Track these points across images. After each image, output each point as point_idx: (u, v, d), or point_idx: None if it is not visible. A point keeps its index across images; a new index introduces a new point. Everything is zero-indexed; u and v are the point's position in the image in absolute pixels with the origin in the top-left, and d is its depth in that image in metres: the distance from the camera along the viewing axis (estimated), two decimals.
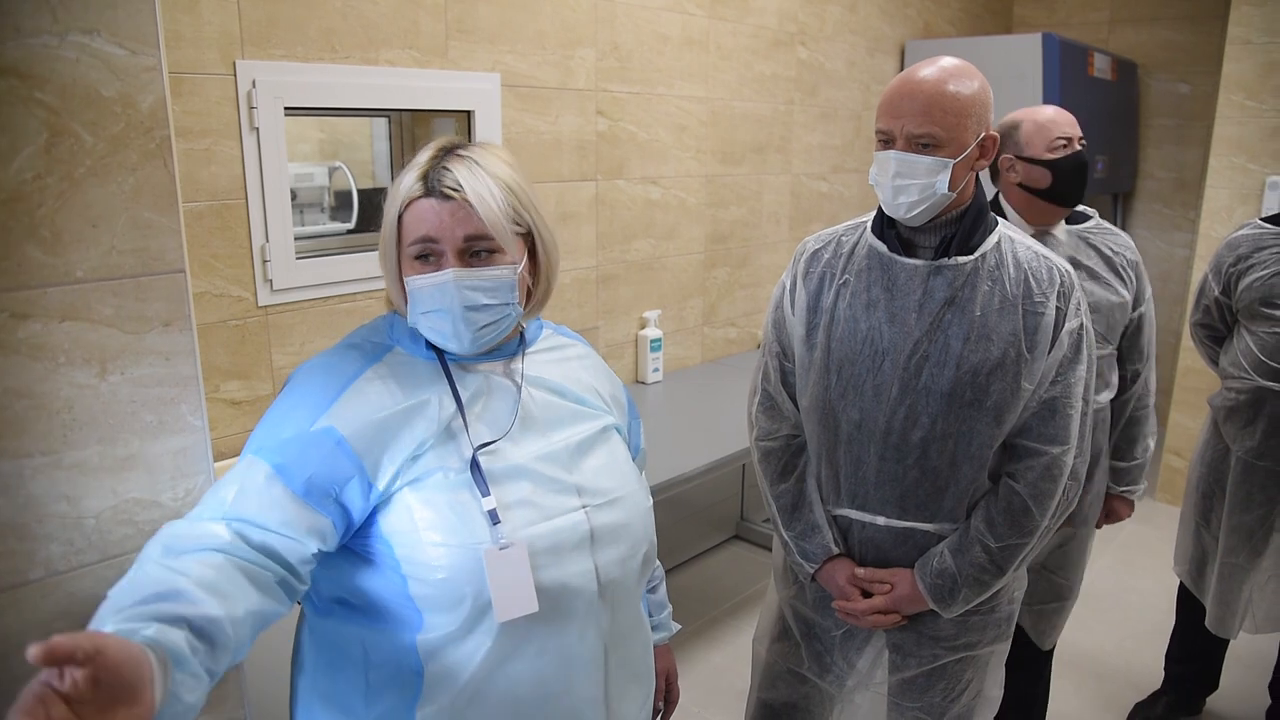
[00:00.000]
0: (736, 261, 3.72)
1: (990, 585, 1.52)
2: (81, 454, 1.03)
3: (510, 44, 2.66)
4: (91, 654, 0.67)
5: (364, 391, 1.06)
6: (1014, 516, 1.49)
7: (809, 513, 1.62)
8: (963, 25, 4.85)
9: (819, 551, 1.60)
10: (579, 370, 1.27)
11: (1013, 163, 2.00)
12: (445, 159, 1.09)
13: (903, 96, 1.43)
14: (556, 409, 1.19)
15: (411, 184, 1.08)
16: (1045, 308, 1.46)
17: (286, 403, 1.06)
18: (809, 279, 1.60)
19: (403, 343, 1.13)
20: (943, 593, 1.52)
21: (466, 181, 1.06)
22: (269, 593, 0.94)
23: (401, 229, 1.09)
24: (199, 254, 2.08)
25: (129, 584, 0.85)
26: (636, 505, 1.21)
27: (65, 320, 1.00)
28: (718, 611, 3.24)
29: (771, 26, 3.62)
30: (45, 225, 0.98)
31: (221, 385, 2.16)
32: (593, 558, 1.12)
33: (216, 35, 2.03)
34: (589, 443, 1.19)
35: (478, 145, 1.13)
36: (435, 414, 1.08)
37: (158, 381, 1.08)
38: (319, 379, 1.08)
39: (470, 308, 1.08)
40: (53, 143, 0.97)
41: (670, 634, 1.49)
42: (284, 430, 1.03)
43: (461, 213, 1.06)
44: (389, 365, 1.10)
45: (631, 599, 1.21)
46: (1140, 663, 2.97)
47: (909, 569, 1.56)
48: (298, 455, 1.00)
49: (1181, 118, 4.81)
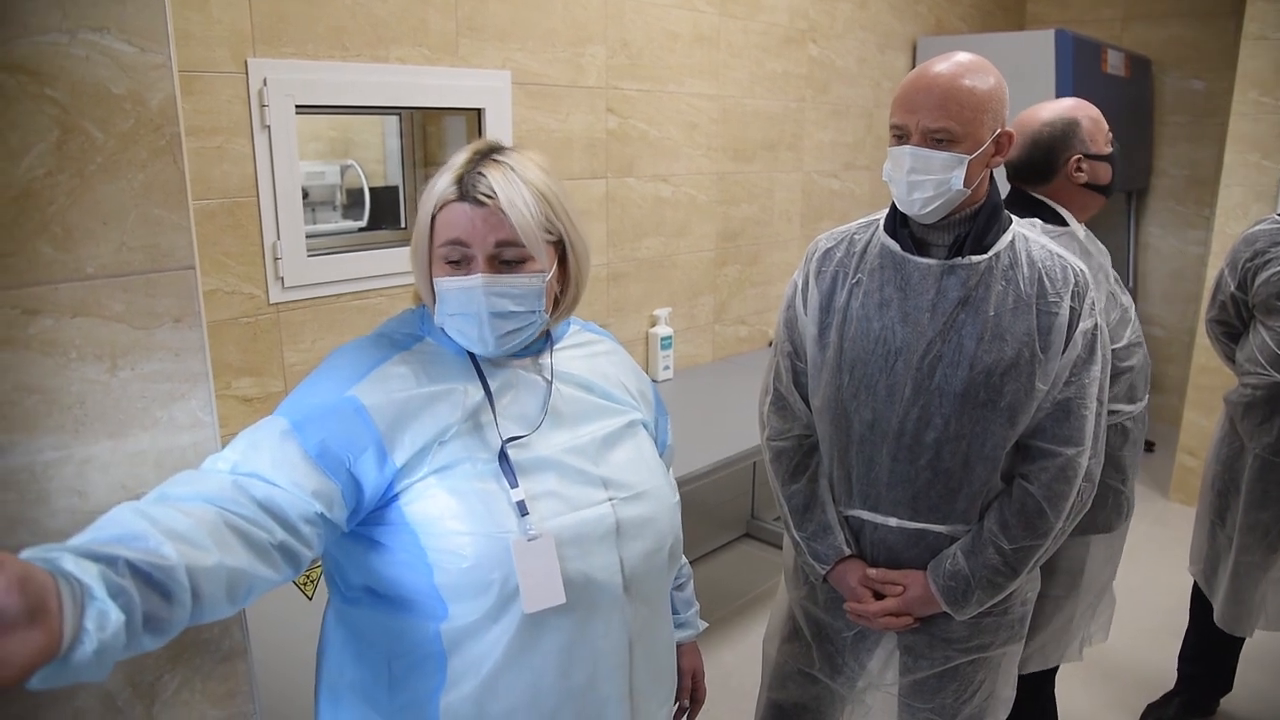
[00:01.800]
0: (747, 259, 3.71)
1: (1004, 587, 1.51)
2: (92, 448, 1.04)
3: (520, 42, 2.66)
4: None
5: (390, 374, 1.09)
6: (1028, 518, 1.48)
7: (821, 513, 1.61)
8: (974, 21, 4.82)
9: (830, 553, 1.59)
10: (606, 365, 1.28)
11: (1080, 162, 1.93)
12: (481, 163, 1.10)
13: (918, 91, 1.42)
14: (583, 403, 1.20)
15: (446, 186, 1.09)
16: (1059, 307, 1.45)
17: (316, 376, 1.11)
18: (821, 278, 1.59)
19: (434, 335, 1.16)
20: (956, 595, 1.51)
21: (501, 188, 1.07)
22: (262, 555, 0.92)
23: (434, 230, 1.10)
24: (211, 252, 2.09)
25: (94, 524, 0.83)
26: (663, 500, 1.21)
27: (76, 316, 1.01)
28: (727, 610, 3.24)
29: (782, 24, 3.62)
30: (56, 222, 0.98)
31: (233, 382, 2.17)
32: (618, 551, 1.13)
33: (227, 34, 2.04)
34: (615, 436, 1.21)
35: (515, 150, 1.14)
36: (461, 401, 1.10)
37: (168, 377, 1.08)
38: (350, 358, 1.12)
39: (496, 314, 1.09)
40: (63, 140, 0.97)
41: (697, 631, 1.48)
42: (309, 397, 1.07)
43: (494, 219, 1.07)
44: (418, 354, 1.13)
45: (657, 595, 1.22)
46: (1153, 663, 2.95)
47: (921, 571, 1.55)
48: (317, 417, 1.04)
49: (1195, 114, 4.78)
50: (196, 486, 0.94)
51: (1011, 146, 1.48)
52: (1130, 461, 1.99)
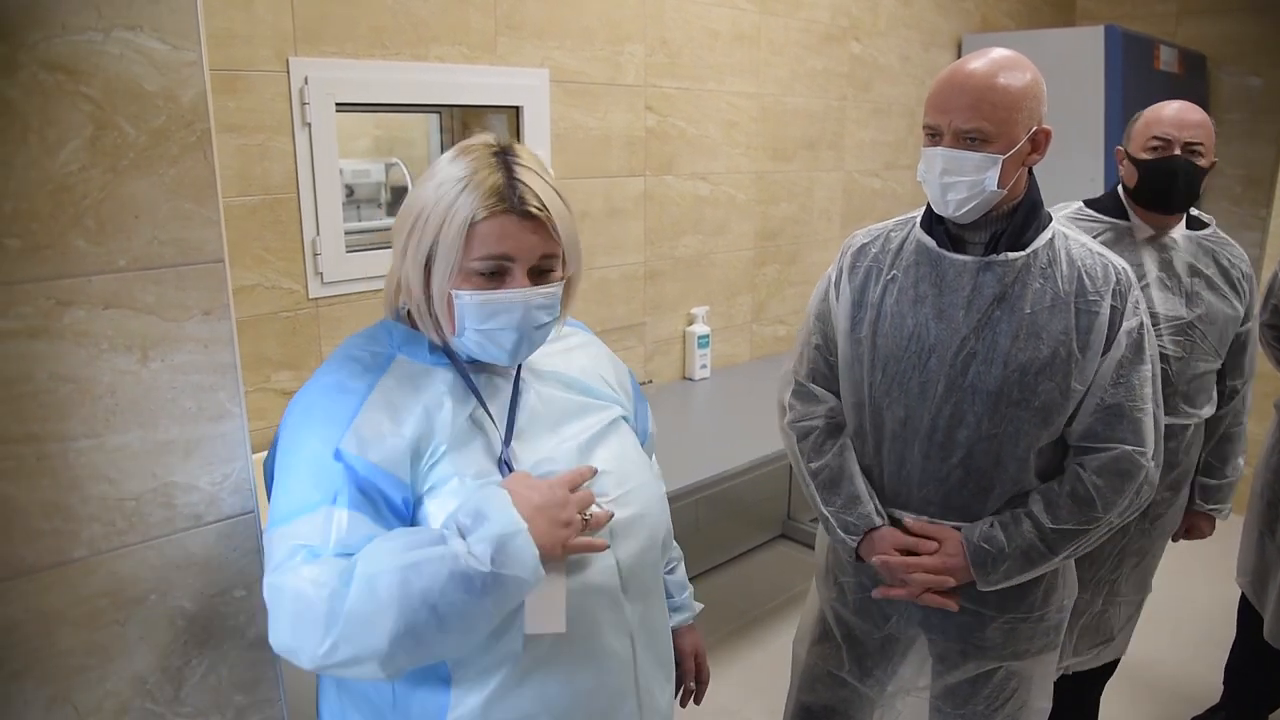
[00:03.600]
0: (786, 258, 3.69)
1: (1036, 565, 1.46)
2: (123, 438, 1.06)
3: (559, 40, 2.67)
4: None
5: (379, 411, 1.05)
6: (1076, 503, 1.44)
7: (850, 484, 1.56)
8: (1022, 18, 4.74)
9: (860, 523, 1.54)
10: (583, 359, 1.26)
11: (1122, 157, 1.97)
12: (514, 168, 1.06)
13: (951, 90, 1.39)
14: (564, 403, 1.19)
15: (480, 199, 1.03)
16: (1100, 306, 1.42)
17: (306, 452, 1.04)
18: (855, 273, 1.57)
19: (404, 350, 1.12)
20: (986, 558, 1.45)
21: (549, 200, 1.05)
22: None
23: (471, 242, 1.04)
24: (251, 247, 2.13)
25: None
26: (650, 495, 1.21)
27: (108, 308, 1.03)
28: (761, 611, 3.22)
29: (824, 21, 3.59)
30: (90, 215, 1.01)
31: (272, 375, 2.21)
32: (614, 553, 1.12)
33: (270, 33, 2.08)
34: (598, 438, 1.19)
35: (526, 150, 1.11)
36: (450, 420, 1.08)
37: (197, 369, 1.11)
38: (322, 412, 1.06)
39: (536, 326, 1.08)
40: (97, 136, 1.00)
41: (693, 614, 1.47)
42: (321, 478, 1.02)
43: (543, 231, 1.05)
44: (395, 377, 1.09)
45: (653, 588, 1.22)
46: (1198, 675, 2.88)
47: (958, 530, 1.50)
48: (358, 494, 1.01)
49: (1252, 112, 4.64)
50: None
51: (1049, 143, 1.45)
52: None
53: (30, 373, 1.00)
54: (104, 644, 1.10)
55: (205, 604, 1.17)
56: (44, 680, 1.06)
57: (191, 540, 1.15)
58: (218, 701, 1.20)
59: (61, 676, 1.08)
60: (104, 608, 1.09)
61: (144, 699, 1.14)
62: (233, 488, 1.17)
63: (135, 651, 1.12)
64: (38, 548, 1.03)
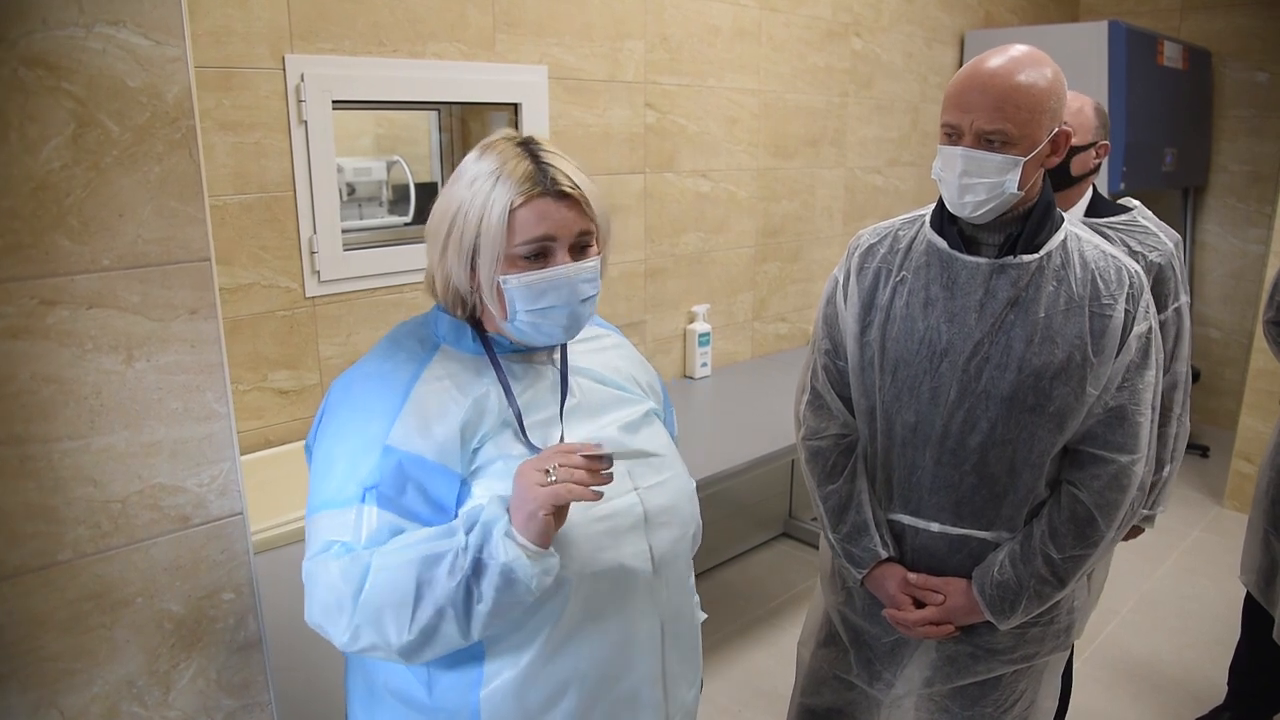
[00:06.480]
0: (788, 256, 3.67)
1: (1050, 598, 1.46)
2: (108, 439, 1.05)
3: (558, 36, 2.65)
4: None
5: (425, 401, 1.08)
6: (1079, 526, 1.43)
7: (857, 514, 1.56)
8: (1025, 13, 4.71)
9: (866, 556, 1.54)
10: (616, 359, 1.29)
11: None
12: (540, 155, 1.09)
13: (972, 89, 1.35)
14: (600, 394, 1.22)
15: (515, 185, 1.06)
16: (1114, 309, 1.39)
17: (348, 443, 1.07)
18: (863, 275, 1.54)
19: (448, 339, 1.15)
20: (1002, 605, 1.46)
21: (579, 179, 1.09)
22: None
23: (513, 228, 1.06)
24: (248, 246, 2.12)
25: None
26: (682, 488, 1.24)
27: (93, 307, 1.02)
28: (763, 610, 3.21)
29: (825, 17, 3.56)
30: (73, 214, 0.99)
31: (270, 375, 2.20)
32: (647, 539, 1.14)
33: (266, 30, 2.06)
34: (635, 425, 1.22)
35: (545, 139, 1.14)
36: (495, 406, 1.11)
37: (183, 369, 1.09)
38: (367, 402, 1.09)
39: (582, 299, 1.11)
40: (80, 133, 0.99)
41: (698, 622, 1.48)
42: (358, 472, 1.05)
43: (578, 208, 1.09)
44: (442, 365, 1.12)
45: (683, 579, 1.25)
46: (1202, 675, 2.86)
47: (963, 579, 1.50)
48: (391, 491, 1.05)
49: (1258, 108, 4.61)
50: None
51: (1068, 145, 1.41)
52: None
53: (13, 373, 0.98)
54: (90, 648, 1.09)
55: (193, 607, 1.16)
56: (29, 685, 1.05)
57: (178, 543, 1.13)
58: (206, 705, 1.19)
59: (47, 681, 1.06)
60: (90, 611, 1.08)
61: (132, 703, 1.13)
62: (220, 489, 1.16)
63: (122, 655, 1.11)
64: (22, 551, 1.02)
